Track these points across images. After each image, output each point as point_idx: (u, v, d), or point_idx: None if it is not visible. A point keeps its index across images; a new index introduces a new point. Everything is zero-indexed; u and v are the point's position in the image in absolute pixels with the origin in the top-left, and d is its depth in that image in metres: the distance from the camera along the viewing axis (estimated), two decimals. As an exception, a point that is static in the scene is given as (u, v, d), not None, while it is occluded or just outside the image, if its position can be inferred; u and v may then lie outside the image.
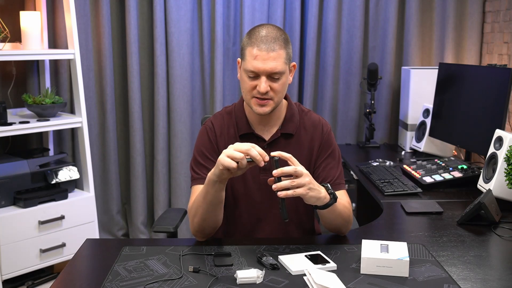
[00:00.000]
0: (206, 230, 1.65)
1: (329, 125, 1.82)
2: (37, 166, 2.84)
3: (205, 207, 1.58)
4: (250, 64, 1.61)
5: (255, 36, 1.62)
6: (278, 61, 1.60)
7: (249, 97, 1.66)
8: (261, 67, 1.59)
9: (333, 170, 1.74)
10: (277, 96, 1.65)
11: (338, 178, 1.74)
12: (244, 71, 1.65)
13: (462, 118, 2.69)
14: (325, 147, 1.76)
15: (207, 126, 1.78)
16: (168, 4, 3.24)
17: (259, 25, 1.67)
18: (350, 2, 3.39)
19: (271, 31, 1.62)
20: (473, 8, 3.37)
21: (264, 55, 1.59)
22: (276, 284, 1.38)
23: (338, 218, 1.65)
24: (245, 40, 1.65)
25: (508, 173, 1.88)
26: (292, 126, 1.75)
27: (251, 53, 1.61)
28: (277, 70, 1.60)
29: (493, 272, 1.51)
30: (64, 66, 3.20)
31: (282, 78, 1.64)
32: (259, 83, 1.61)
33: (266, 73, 1.60)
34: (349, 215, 1.68)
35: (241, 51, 1.68)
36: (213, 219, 1.62)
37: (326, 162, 1.75)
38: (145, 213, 3.48)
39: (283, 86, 1.65)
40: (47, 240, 2.82)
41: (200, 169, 1.72)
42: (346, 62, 3.47)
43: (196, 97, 3.43)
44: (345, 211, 1.66)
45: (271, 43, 1.59)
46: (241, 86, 1.69)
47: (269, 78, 1.61)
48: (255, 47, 1.60)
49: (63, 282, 1.43)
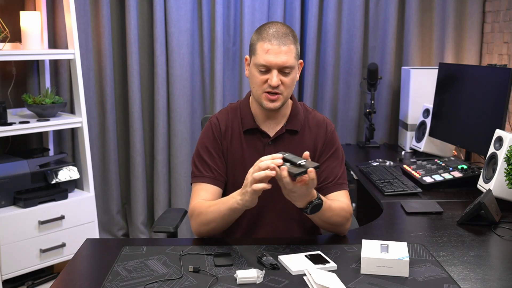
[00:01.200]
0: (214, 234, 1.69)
1: (333, 124, 1.83)
2: (37, 166, 2.84)
3: (222, 224, 1.62)
4: (262, 58, 1.62)
5: (265, 31, 1.65)
6: (289, 55, 1.63)
7: (260, 92, 1.67)
8: (273, 60, 1.61)
9: (335, 169, 1.75)
10: (287, 91, 1.67)
11: (340, 178, 1.75)
12: (254, 66, 1.66)
13: (462, 118, 2.69)
14: (328, 146, 1.77)
15: (212, 122, 1.79)
16: (168, 4, 3.24)
17: (268, 23, 1.69)
18: (350, 2, 3.39)
19: (281, 27, 1.66)
20: (473, 8, 3.37)
21: (276, 49, 1.61)
22: (276, 284, 1.38)
23: (326, 223, 1.65)
24: (254, 36, 1.68)
25: (508, 173, 1.88)
26: (297, 123, 1.77)
27: (262, 47, 1.63)
28: (288, 64, 1.63)
29: (493, 272, 1.51)
30: (64, 66, 3.20)
31: (292, 73, 1.66)
32: (270, 77, 1.63)
33: (278, 66, 1.62)
34: (345, 216, 1.67)
35: (250, 47, 1.70)
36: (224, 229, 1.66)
37: (329, 162, 1.75)
38: (145, 213, 3.48)
39: (292, 81, 1.67)
40: (47, 240, 2.82)
41: (203, 167, 1.73)
42: (346, 62, 3.47)
43: (196, 97, 3.43)
44: (341, 213, 1.65)
45: (282, 38, 1.62)
46: (251, 82, 1.69)
47: (280, 73, 1.64)
48: (266, 41, 1.62)
49: (63, 282, 1.43)
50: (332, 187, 1.74)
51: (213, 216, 1.61)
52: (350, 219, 1.71)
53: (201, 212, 1.64)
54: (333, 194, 1.73)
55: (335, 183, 1.73)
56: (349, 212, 1.69)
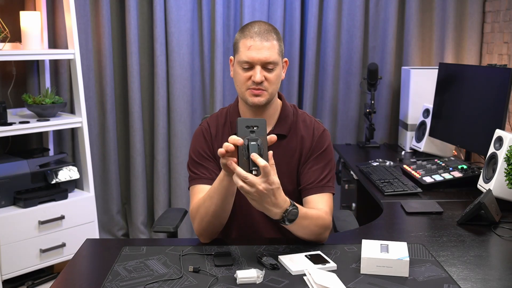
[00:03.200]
0: (216, 228, 1.62)
1: (324, 128, 1.77)
2: (37, 166, 2.84)
3: (218, 203, 1.54)
4: (244, 55, 1.62)
5: (247, 29, 1.65)
6: (271, 51, 1.62)
7: (244, 89, 1.66)
8: (256, 56, 1.61)
9: (317, 171, 1.70)
10: (271, 88, 1.65)
11: (323, 180, 1.69)
12: (238, 64, 1.66)
13: (462, 118, 2.69)
14: (315, 150, 1.73)
15: (203, 127, 1.78)
16: (168, 4, 3.25)
17: (251, 22, 1.69)
18: (350, 2, 3.39)
19: (263, 25, 1.66)
20: (473, 8, 3.37)
21: (258, 45, 1.61)
22: (276, 284, 1.38)
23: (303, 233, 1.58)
24: (237, 36, 1.68)
25: (508, 173, 1.88)
26: (285, 127, 1.75)
27: (245, 44, 1.63)
28: (271, 60, 1.62)
29: (493, 272, 1.51)
30: (64, 66, 3.20)
31: (276, 70, 1.65)
32: (254, 73, 1.62)
33: (261, 62, 1.62)
34: (322, 225, 1.59)
35: (233, 46, 1.69)
36: (225, 214, 1.59)
37: (312, 164, 1.71)
38: (145, 213, 3.48)
39: (277, 77, 1.66)
40: (47, 240, 2.82)
41: (197, 169, 1.72)
42: (346, 62, 3.47)
43: (196, 97, 3.43)
44: (318, 222, 1.58)
45: (264, 34, 1.62)
46: (235, 80, 1.69)
47: (263, 69, 1.63)
48: (248, 38, 1.62)
49: (63, 282, 1.43)
50: (312, 189, 1.68)
51: (207, 201, 1.56)
52: (330, 228, 1.63)
53: (198, 207, 1.61)
54: (313, 197, 1.67)
55: (316, 185, 1.68)
56: (327, 222, 1.60)
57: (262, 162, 1.37)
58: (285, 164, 1.72)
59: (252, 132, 1.41)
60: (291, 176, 1.73)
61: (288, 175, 1.72)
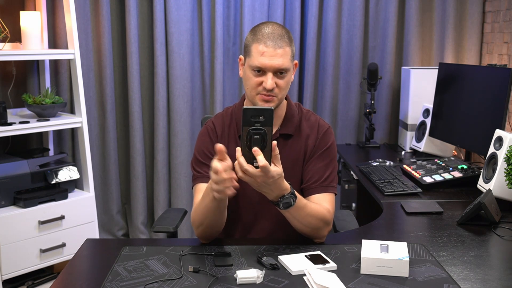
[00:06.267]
0: (213, 235, 1.65)
1: (328, 126, 1.78)
2: (37, 166, 2.84)
3: (211, 217, 1.57)
4: (257, 60, 1.60)
5: (260, 33, 1.62)
6: (284, 58, 1.61)
7: (254, 94, 1.65)
8: (268, 63, 1.60)
9: (320, 170, 1.70)
10: (281, 93, 1.65)
11: (326, 180, 1.69)
12: (249, 68, 1.64)
13: (462, 118, 2.69)
14: (318, 148, 1.73)
15: (208, 126, 1.78)
16: (168, 4, 3.25)
17: (263, 23, 1.67)
18: (350, 2, 3.39)
19: (276, 28, 1.63)
20: (473, 8, 3.37)
21: (271, 52, 1.59)
22: (276, 284, 1.38)
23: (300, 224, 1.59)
24: (249, 37, 1.65)
25: (508, 173, 1.88)
26: (291, 126, 1.75)
27: (257, 49, 1.61)
28: (284, 67, 1.61)
29: (493, 272, 1.51)
30: (64, 66, 3.20)
31: (287, 76, 1.64)
32: (265, 80, 1.61)
33: (273, 69, 1.60)
34: (321, 219, 1.60)
35: (245, 48, 1.68)
36: (221, 221, 1.61)
37: (315, 162, 1.72)
38: (145, 213, 3.48)
39: (287, 83, 1.66)
40: (47, 240, 2.82)
41: (201, 168, 1.72)
42: (346, 62, 3.47)
43: (196, 97, 3.43)
44: (317, 215, 1.59)
45: (277, 40, 1.60)
46: (245, 83, 1.68)
47: (275, 75, 1.62)
48: (261, 43, 1.60)
49: (63, 282, 1.43)
50: (315, 189, 1.68)
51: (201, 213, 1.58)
52: (329, 225, 1.64)
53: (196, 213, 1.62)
54: (315, 196, 1.67)
55: (319, 185, 1.68)
56: (327, 217, 1.61)
57: (261, 162, 1.38)
58: (291, 164, 1.72)
59: (257, 122, 1.40)
60: (297, 175, 1.73)
61: (294, 174, 1.72)
